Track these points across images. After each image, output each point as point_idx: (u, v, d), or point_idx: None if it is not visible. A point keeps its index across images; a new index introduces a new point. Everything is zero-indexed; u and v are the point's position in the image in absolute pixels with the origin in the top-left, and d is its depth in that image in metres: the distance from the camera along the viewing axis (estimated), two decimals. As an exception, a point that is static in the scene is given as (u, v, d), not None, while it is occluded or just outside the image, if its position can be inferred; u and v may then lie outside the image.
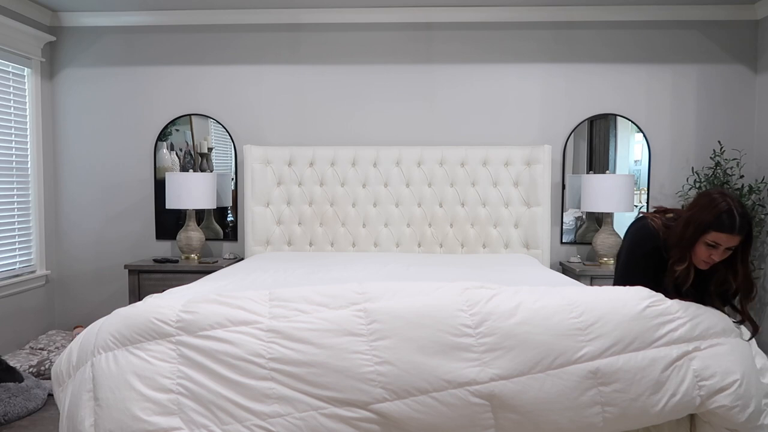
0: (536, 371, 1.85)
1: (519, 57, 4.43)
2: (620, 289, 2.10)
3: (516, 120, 4.44)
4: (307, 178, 4.32)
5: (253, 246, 4.29)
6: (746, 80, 4.36)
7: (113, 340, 1.91)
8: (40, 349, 4.12)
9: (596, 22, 4.38)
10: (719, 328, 1.99)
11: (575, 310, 1.95)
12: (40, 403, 3.34)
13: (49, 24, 4.51)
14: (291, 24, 4.46)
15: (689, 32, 4.37)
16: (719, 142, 4.34)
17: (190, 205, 4.21)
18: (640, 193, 4.43)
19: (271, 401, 1.81)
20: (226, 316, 1.92)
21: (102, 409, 1.80)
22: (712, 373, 1.89)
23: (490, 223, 4.26)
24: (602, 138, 4.46)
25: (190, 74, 4.54)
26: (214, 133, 4.56)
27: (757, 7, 4.24)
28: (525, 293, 2.03)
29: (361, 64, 4.47)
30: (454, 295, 1.99)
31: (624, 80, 4.40)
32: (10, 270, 4.17)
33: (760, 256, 4.26)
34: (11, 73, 4.18)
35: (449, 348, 1.86)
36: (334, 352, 1.84)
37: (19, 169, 4.27)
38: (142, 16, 4.48)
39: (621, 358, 1.88)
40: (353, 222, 4.30)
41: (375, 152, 4.30)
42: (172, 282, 4.03)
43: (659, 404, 1.86)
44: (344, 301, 1.97)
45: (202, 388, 1.82)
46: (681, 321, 1.97)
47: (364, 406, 1.81)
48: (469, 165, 4.27)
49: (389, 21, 4.42)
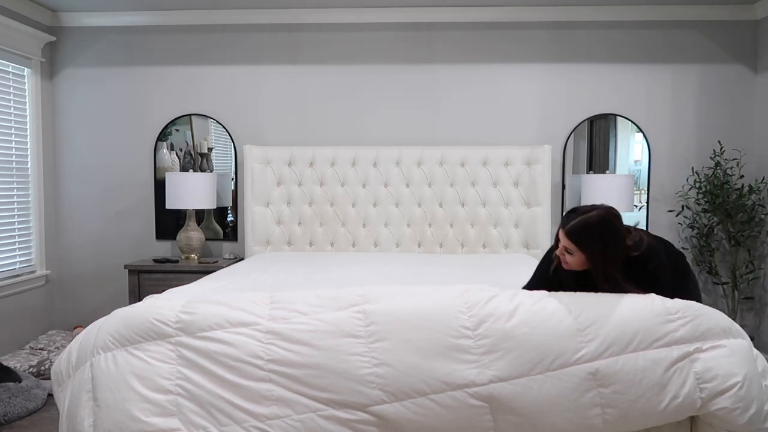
0: (535, 373, 1.85)
1: (519, 57, 4.43)
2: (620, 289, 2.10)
3: (516, 120, 4.43)
4: (307, 178, 4.32)
5: (253, 246, 4.29)
6: (746, 80, 4.36)
7: (112, 340, 1.91)
8: (40, 349, 4.12)
9: (596, 22, 4.38)
10: (720, 329, 1.98)
11: (574, 311, 1.95)
12: (40, 403, 3.34)
13: (49, 24, 4.51)
14: (291, 24, 4.46)
15: (689, 32, 4.37)
16: (719, 142, 4.34)
17: (190, 205, 4.21)
18: (640, 193, 4.43)
19: (269, 403, 1.81)
20: (225, 317, 1.92)
21: (101, 409, 1.80)
22: (713, 375, 1.89)
23: (490, 223, 4.26)
24: (602, 138, 4.46)
25: (190, 74, 4.54)
26: (214, 133, 4.56)
27: (757, 7, 4.24)
28: (524, 295, 2.03)
29: (361, 65, 4.47)
30: (453, 296, 1.99)
31: (624, 80, 4.40)
32: (10, 270, 4.17)
33: (760, 256, 4.25)
34: (11, 73, 4.18)
35: (448, 350, 1.86)
36: (332, 353, 1.84)
37: (19, 169, 4.27)
38: (142, 16, 4.48)
39: (620, 359, 1.88)
40: (353, 222, 4.30)
41: (375, 152, 4.30)
42: (172, 282, 4.04)
43: (660, 406, 1.86)
44: (343, 303, 1.97)
45: (200, 389, 1.82)
46: (682, 321, 1.96)
47: (363, 408, 1.80)
48: (469, 165, 4.26)
49: (389, 21, 4.42)
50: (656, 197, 4.42)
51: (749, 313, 4.35)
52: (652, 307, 1.98)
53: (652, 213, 4.42)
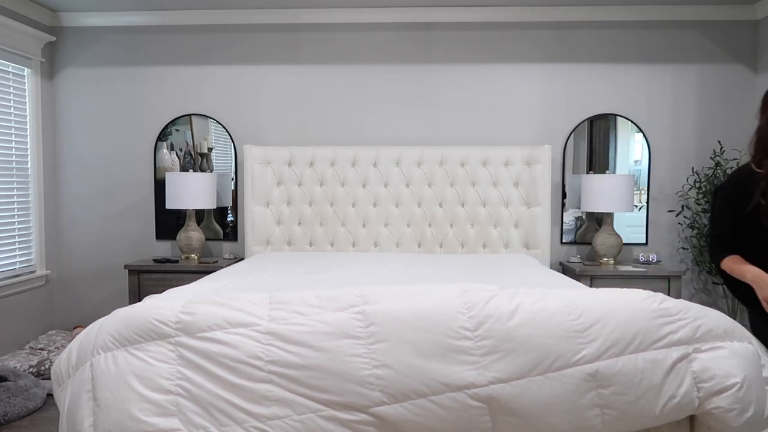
0: (535, 374, 1.85)
1: (519, 57, 4.43)
2: (619, 290, 2.10)
3: (516, 120, 4.44)
4: (307, 178, 4.32)
5: (253, 246, 4.29)
6: (746, 80, 4.36)
7: (112, 340, 1.91)
8: (40, 349, 4.13)
9: (596, 22, 4.38)
10: (721, 331, 1.97)
11: (574, 312, 1.95)
12: (39, 402, 3.35)
13: (49, 24, 4.51)
14: (291, 24, 4.46)
15: (689, 32, 4.37)
16: (719, 142, 4.34)
17: (190, 205, 4.21)
18: (640, 193, 4.43)
19: (269, 403, 1.81)
20: (225, 318, 1.92)
21: (101, 409, 1.80)
22: (711, 375, 1.88)
23: (490, 223, 4.26)
24: (602, 138, 4.46)
25: (190, 74, 4.54)
26: (214, 133, 4.56)
27: (757, 7, 4.24)
28: (523, 295, 2.03)
29: (361, 64, 4.47)
30: (453, 297, 1.99)
31: (624, 80, 4.40)
32: (10, 270, 4.17)
33: (760, 257, 4.25)
34: (11, 73, 4.18)
35: (447, 351, 1.85)
36: (332, 355, 1.84)
37: (19, 169, 4.27)
38: (142, 16, 4.48)
39: (620, 360, 1.88)
40: (353, 222, 4.31)
41: (375, 152, 4.31)
42: (172, 282, 4.04)
43: (658, 406, 1.86)
44: (342, 304, 1.97)
45: (201, 389, 1.82)
46: (682, 323, 1.95)
47: (363, 409, 1.80)
48: (469, 165, 4.27)
49: (389, 21, 4.42)
50: (656, 197, 4.42)
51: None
52: (653, 308, 1.98)
53: (652, 213, 4.42)
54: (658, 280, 3.98)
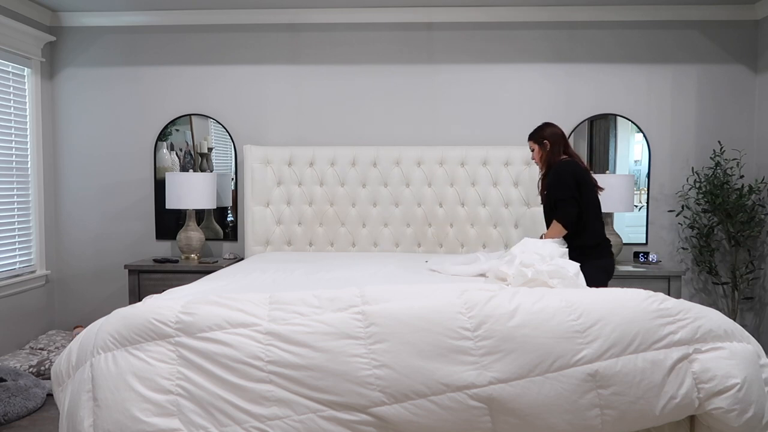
0: (535, 374, 1.85)
1: (519, 57, 4.43)
2: (619, 290, 2.10)
3: (516, 120, 4.43)
4: (307, 178, 4.32)
5: (253, 246, 4.29)
6: (746, 80, 4.36)
7: (112, 340, 1.91)
8: (40, 349, 4.13)
9: (596, 22, 4.38)
10: (722, 331, 1.97)
11: (574, 312, 1.94)
12: (39, 402, 3.35)
13: (49, 24, 4.51)
14: (291, 24, 4.46)
15: (689, 32, 4.37)
16: (719, 142, 4.34)
17: (190, 205, 4.21)
18: (640, 193, 4.43)
19: (269, 404, 1.81)
20: (225, 318, 1.92)
21: (101, 409, 1.80)
22: (711, 375, 1.88)
23: (490, 223, 4.26)
24: (602, 138, 4.46)
25: (190, 74, 4.54)
26: (214, 133, 4.56)
27: (757, 7, 4.24)
28: (523, 295, 2.03)
29: (361, 64, 4.47)
30: (453, 297, 1.98)
31: (624, 80, 4.40)
32: (10, 270, 4.17)
33: (760, 257, 4.26)
34: (11, 73, 4.18)
35: (448, 351, 1.85)
36: (332, 355, 1.84)
37: (19, 169, 4.27)
38: (142, 16, 4.48)
39: (620, 360, 1.88)
40: (353, 222, 4.31)
41: (375, 152, 4.30)
42: (172, 282, 4.04)
43: (658, 407, 1.86)
44: (342, 304, 1.97)
45: (201, 389, 1.82)
46: (682, 323, 1.95)
47: (363, 409, 1.80)
48: (469, 165, 4.27)
49: (389, 21, 4.42)
50: (656, 197, 4.42)
51: (749, 313, 4.35)
52: (653, 308, 1.98)
53: (652, 213, 4.42)
54: (658, 280, 3.98)
